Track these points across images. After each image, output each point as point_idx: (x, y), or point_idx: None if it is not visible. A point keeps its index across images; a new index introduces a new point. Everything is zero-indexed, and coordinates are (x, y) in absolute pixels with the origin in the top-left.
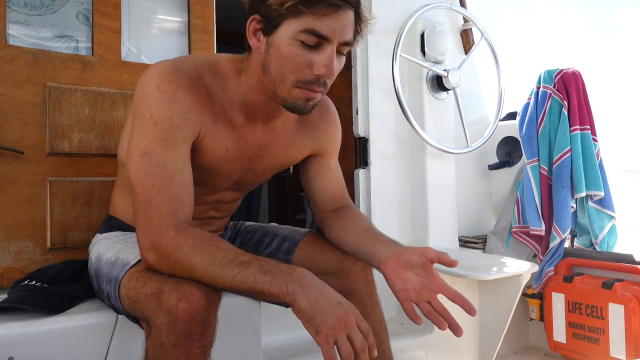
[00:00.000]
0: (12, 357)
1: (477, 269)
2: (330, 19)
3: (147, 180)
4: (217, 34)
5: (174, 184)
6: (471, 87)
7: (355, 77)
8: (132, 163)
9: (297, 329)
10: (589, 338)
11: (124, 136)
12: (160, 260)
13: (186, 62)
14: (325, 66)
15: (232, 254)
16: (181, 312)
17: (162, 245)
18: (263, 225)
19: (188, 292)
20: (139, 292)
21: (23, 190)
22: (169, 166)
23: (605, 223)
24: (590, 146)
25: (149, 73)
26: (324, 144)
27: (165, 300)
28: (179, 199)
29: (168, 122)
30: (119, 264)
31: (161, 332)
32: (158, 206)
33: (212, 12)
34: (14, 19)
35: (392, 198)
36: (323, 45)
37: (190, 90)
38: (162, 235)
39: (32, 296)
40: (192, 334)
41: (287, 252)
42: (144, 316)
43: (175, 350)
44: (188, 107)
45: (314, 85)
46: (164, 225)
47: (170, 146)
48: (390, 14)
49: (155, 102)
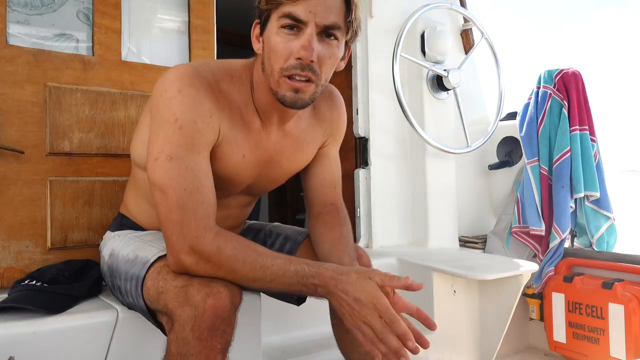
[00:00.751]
0: (12, 357)
1: (477, 269)
2: (306, 2)
3: (179, 183)
4: (217, 34)
5: (204, 188)
6: (471, 87)
7: (355, 77)
8: (160, 167)
9: (297, 329)
10: (589, 338)
11: (137, 138)
12: (199, 262)
13: (203, 66)
14: (304, 47)
15: (270, 259)
16: (208, 308)
17: (202, 249)
18: (266, 225)
19: (216, 289)
20: (169, 283)
21: (23, 190)
22: (197, 170)
23: (602, 223)
24: (588, 147)
25: (169, 77)
26: (331, 133)
27: (193, 294)
28: (211, 203)
29: (192, 127)
30: (139, 262)
31: (186, 326)
32: (193, 210)
33: (212, 12)
34: (14, 18)
35: (392, 198)
36: (301, 29)
37: (209, 95)
38: (201, 238)
39: (33, 296)
40: (215, 329)
41: (289, 253)
42: (168, 308)
43: (199, 344)
44: (209, 111)
45: (297, 69)
46: (202, 228)
47: (195, 150)
48: (390, 14)
49: (179, 106)
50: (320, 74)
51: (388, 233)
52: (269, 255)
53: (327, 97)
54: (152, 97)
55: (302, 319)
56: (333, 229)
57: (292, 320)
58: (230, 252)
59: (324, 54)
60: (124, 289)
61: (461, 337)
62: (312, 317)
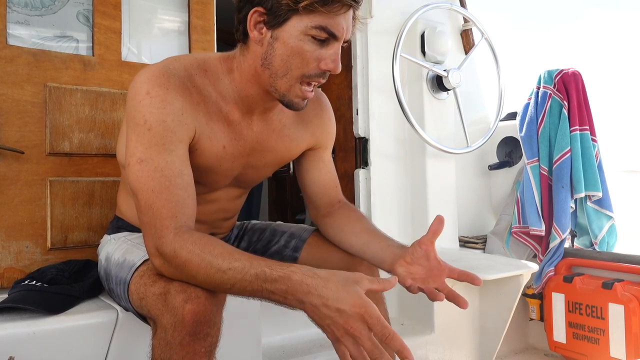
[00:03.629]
0: (13, 357)
1: (477, 269)
2: (341, 18)
3: (147, 185)
4: (217, 34)
5: (173, 187)
6: (471, 87)
7: (355, 77)
8: (131, 171)
9: (297, 329)
10: (589, 338)
11: (121, 140)
12: (164, 265)
13: (174, 63)
14: (333, 61)
15: (227, 262)
16: (187, 313)
17: (162, 250)
18: (270, 224)
19: (194, 293)
20: (148, 290)
21: (23, 190)
22: (167, 170)
23: (604, 223)
24: (589, 147)
25: (138, 79)
26: (320, 138)
27: (172, 300)
28: (179, 201)
29: (162, 126)
30: (126, 265)
31: (167, 332)
32: (158, 210)
33: (212, 12)
34: (14, 19)
35: (392, 198)
36: (330, 42)
37: (181, 92)
38: (162, 239)
39: (32, 296)
40: (197, 333)
41: (294, 250)
42: (151, 314)
43: (182, 349)
44: (181, 109)
45: (319, 78)
46: (164, 228)
47: (166, 150)
48: (390, 14)
49: (147, 108)
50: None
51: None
52: (227, 257)
53: (314, 102)
54: (127, 102)
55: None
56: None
57: (292, 320)
58: (185, 255)
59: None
60: (116, 293)
61: (461, 337)
62: None
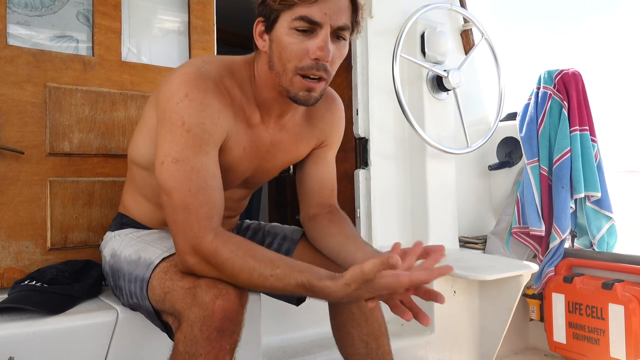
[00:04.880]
0: (13, 357)
1: (477, 269)
2: (320, 4)
3: (183, 185)
4: (217, 34)
5: (209, 188)
6: (471, 87)
7: (355, 77)
8: (166, 170)
9: (297, 329)
10: (589, 338)
11: (137, 138)
12: (200, 263)
13: (206, 66)
14: (320, 48)
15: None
16: (217, 309)
17: (201, 249)
18: (264, 225)
19: (225, 290)
20: (175, 284)
21: (23, 191)
22: (203, 171)
23: (603, 224)
24: (589, 147)
25: (174, 81)
26: (328, 135)
27: (202, 295)
28: (215, 203)
29: (200, 128)
30: (142, 263)
31: (194, 326)
32: (196, 210)
33: (212, 12)
34: (14, 20)
35: (392, 198)
36: (316, 31)
37: (217, 95)
38: (201, 239)
39: (32, 296)
40: (224, 330)
41: (287, 252)
42: (175, 309)
43: (208, 344)
44: (218, 112)
45: (312, 69)
46: (203, 228)
47: (203, 151)
48: (390, 15)
49: (186, 110)
50: (331, 72)
51: (388, 233)
52: (268, 263)
53: (326, 100)
54: (159, 102)
55: (302, 319)
56: (340, 225)
57: (292, 320)
58: (227, 255)
59: (335, 54)
60: (127, 290)
61: (461, 337)
62: (312, 317)
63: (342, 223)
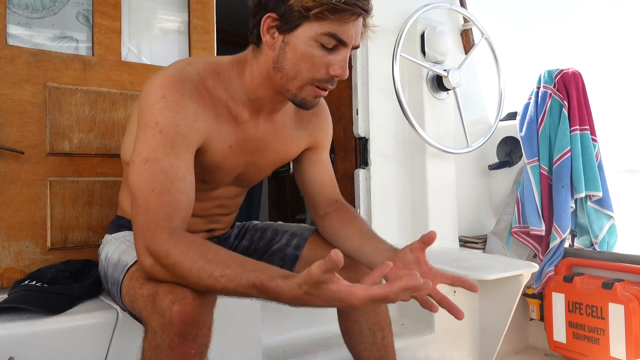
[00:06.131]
0: (13, 357)
1: (477, 269)
2: (350, 26)
3: (147, 185)
4: (217, 34)
5: (175, 190)
6: (471, 87)
7: (355, 77)
8: (134, 169)
9: (297, 329)
10: (589, 338)
11: (126, 139)
12: (155, 265)
13: (188, 68)
14: (341, 67)
15: (220, 268)
16: (174, 315)
17: (154, 249)
18: (272, 224)
19: (181, 294)
20: (137, 292)
21: (23, 191)
22: (171, 172)
23: (604, 223)
24: (590, 146)
25: (154, 82)
26: (318, 137)
27: (160, 302)
28: (178, 205)
29: (174, 130)
30: (120, 265)
31: (156, 334)
32: (155, 210)
33: (212, 12)
34: (15, 20)
35: (392, 198)
36: (339, 48)
37: (195, 97)
38: (155, 238)
39: (32, 296)
40: (186, 335)
41: (295, 248)
42: (141, 316)
43: (171, 352)
44: (194, 114)
45: (327, 83)
46: (159, 228)
47: (174, 153)
48: (390, 14)
49: (161, 111)
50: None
51: (388, 233)
52: (219, 263)
53: None
54: (139, 103)
55: (302, 319)
56: (352, 224)
57: (292, 320)
58: (178, 257)
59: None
60: (112, 293)
61: (461, 337)
62: (312, 317)
63: (353, 221)
